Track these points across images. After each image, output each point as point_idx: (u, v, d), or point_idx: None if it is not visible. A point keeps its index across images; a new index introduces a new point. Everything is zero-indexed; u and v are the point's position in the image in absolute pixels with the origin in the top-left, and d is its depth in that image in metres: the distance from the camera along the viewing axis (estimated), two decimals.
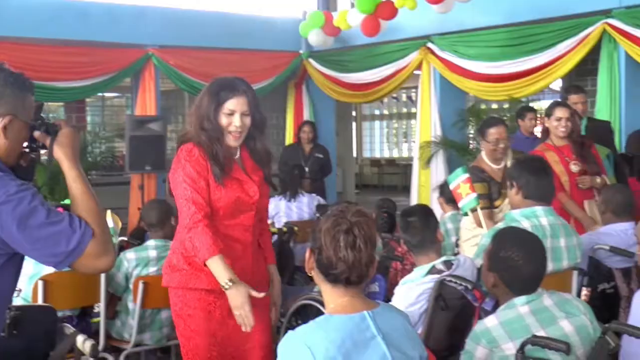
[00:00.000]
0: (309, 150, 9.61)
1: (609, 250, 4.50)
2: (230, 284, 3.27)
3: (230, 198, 3.53)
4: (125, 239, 6.39)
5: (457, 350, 3.66)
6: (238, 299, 3.26)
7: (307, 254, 2.57)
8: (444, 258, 3.94)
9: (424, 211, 4.12)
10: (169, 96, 12.67)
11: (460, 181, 5.02)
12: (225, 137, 3.54)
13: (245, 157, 3.66)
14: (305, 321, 2.90)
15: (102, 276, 4.87)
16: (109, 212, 6.57)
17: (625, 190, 4.82)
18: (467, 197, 5.00)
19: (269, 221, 7.70)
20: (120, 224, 7.24)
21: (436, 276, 3.74)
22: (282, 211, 7.66)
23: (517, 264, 3.01)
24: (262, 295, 3.33)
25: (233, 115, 3.51)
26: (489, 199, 5.25)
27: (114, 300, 5.10)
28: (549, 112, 5.70)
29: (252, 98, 3.57)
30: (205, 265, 3.34)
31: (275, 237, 6.51)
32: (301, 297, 5.22)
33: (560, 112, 5.61)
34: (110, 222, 6.45)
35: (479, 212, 5.05)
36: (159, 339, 5.16)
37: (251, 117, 3.56)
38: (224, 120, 3.52)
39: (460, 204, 5.13)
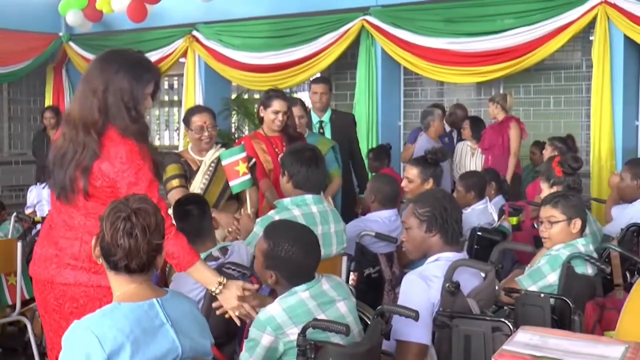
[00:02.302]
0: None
1: (375, 236, 4.75)
2: (221, 287, 3.06)
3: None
4: None
5: (233, 337, 3.73)
6: (232, 300, 3.04)
7: (93, 241, 2.54)
8: (219, 245, 3.98)
9: (200, 200, 4.14)
10: None
11: (239, 158, 4.68)
12: None
13: None
14: None
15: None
16: None
17: (393, 182, 5.06)
18: (243, 176, 4.69)
19: (30, 210, 7.37)
20: None
21: (213, 263, 3.76)
22: (45, 199, 7.31)
23: (296, 260, 3.03)
24: (256, 286, 3.17)
25: (147, 99, 3.17)
26: (185, 179, 4.85)
27: None
28: (266, 103, 5.38)
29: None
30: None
31: (39, 226, 6.17)
32: None
33: (278, 105, 5.33)
34: None
35: (247, 192, 4.90)
36: None
37: None
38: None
39: (233, 182, 4.73)
